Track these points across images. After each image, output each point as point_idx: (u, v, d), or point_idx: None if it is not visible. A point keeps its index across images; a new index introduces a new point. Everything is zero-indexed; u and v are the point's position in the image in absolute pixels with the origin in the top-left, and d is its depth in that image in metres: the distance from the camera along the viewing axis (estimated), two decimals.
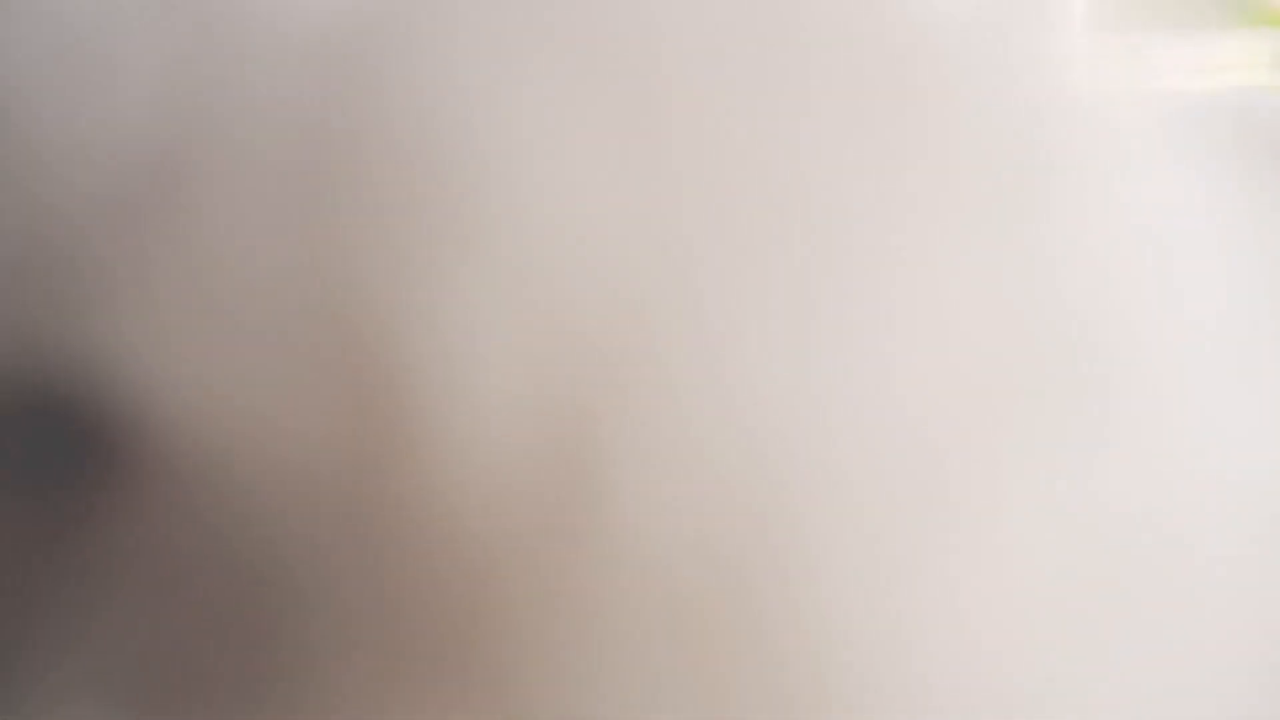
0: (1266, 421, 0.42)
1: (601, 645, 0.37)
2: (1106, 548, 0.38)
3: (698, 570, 0.37)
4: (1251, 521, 0.41)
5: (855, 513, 0.37)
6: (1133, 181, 0.42)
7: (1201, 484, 0.41)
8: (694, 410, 0.37)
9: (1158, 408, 0.41)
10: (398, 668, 0.40)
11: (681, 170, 0.38)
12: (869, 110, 0.40)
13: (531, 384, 0.37)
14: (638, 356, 0.37)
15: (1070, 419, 0.39)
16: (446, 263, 0.38)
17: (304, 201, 0.39)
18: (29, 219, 0.40)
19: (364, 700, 0.41)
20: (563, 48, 0.39)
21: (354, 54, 0.40)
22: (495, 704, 0.40)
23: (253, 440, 0.40)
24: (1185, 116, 0.46)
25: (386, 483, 0.39)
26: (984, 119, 0.41)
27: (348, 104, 0.40)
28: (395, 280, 0.39)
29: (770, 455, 0.37)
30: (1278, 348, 0.43)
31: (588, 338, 0.37)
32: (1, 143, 0.40)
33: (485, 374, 0.38)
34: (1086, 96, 0.43)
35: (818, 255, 0.38)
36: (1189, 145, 0.45)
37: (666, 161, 0.38)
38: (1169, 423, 0.41)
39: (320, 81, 0.40)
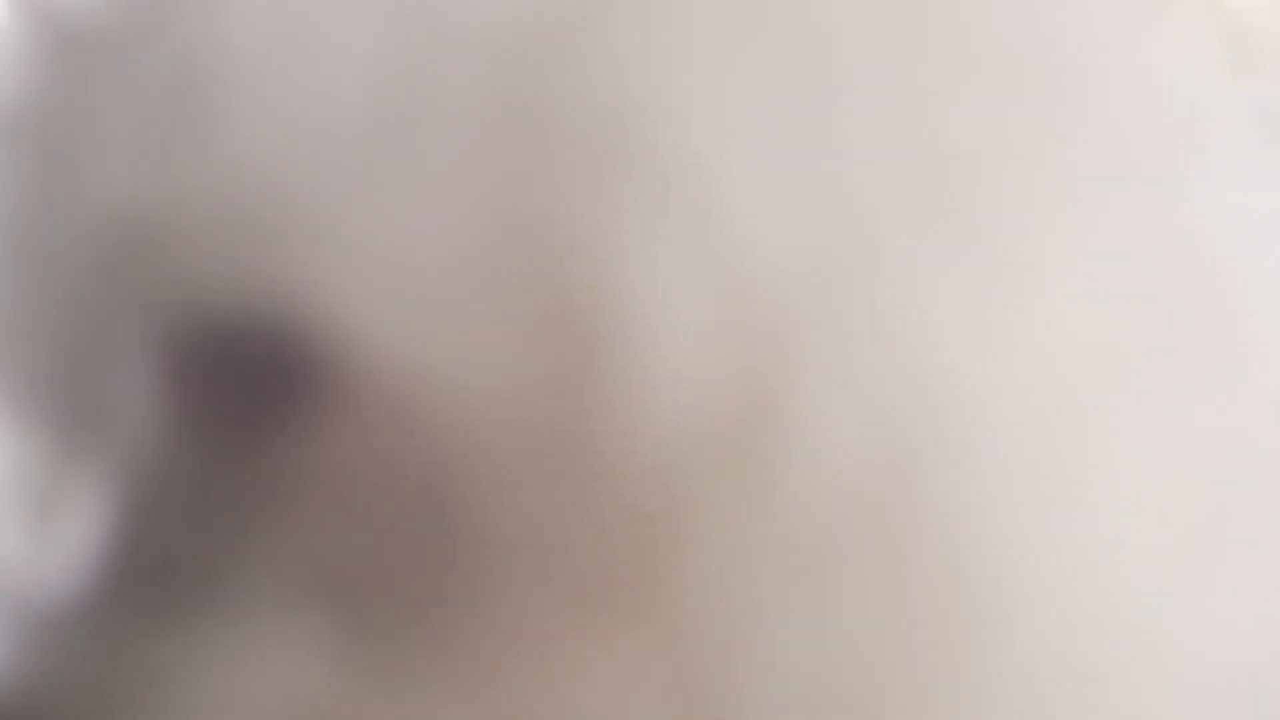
0: None
1: (773, 574, 0.41)
2: (1242, 473, 0.42)
3: (866, 502, 0.40)
4: None
5: (1008, 447, 0.40)
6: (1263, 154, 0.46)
7: None
8: (865, 352, 0.40)
9: None
10: (575, 598, 0.44)
11: (857, 145, 0.42)
12: (1026, 92, 0.44)
13: (717, 322, 0.41)
14: (815, 306, 0.41)
15: (1206, 362, 0.43)
16: (638, 212, 0.42)
17: (502, 165, 0.43)
18: (255, 176, 0.44)
19: (539, 627, 0.44)
20: (748, 31, 0.43)
21: (550, 32, 0.44)
22: (667, 635, 0.44)
23: (446, 376, 0.43)
24: None
25: (576, 418, 0.43)
26: (1128, 97, 0.45)
27: (545, 78, 0.44)
28: (589, 229, 0.42)
29: (931, 391, 0.40)
30: None
31: (770, 287, 0.41)
32: (234, 112, 0.44)
33: (673, 317, 0.42)
34: (1222, 76, 0.47)
35: (978, 218, 0.42)
36: None
37: (841, 135, 0.42)
38: None
39: (519, 56, 0.44)
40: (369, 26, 0.44)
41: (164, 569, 0.46)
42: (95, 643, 0.45)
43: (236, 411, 0.46)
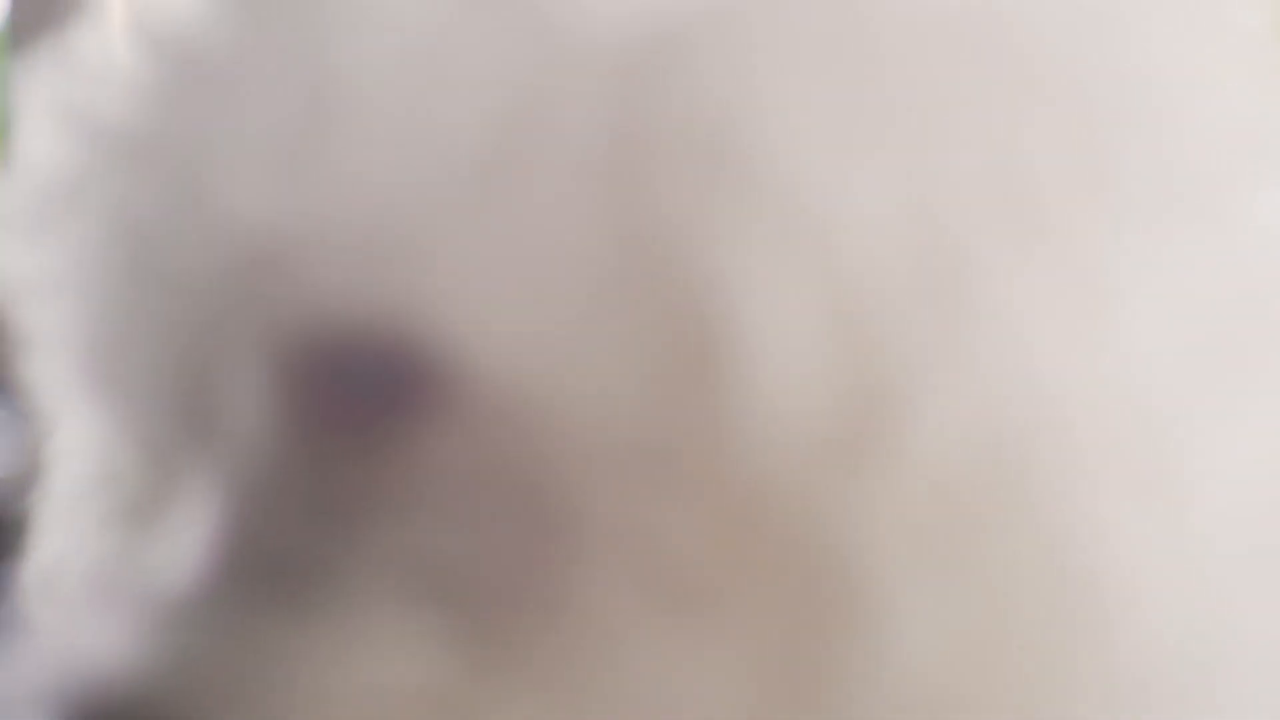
0: None
1: (894, 567, 0.43)
2: None
3: (975, 497, 0.43)
4: None
5: (1100, 444, 0.43)
6: None
7: None
8: (969, 360, 0.43)
9: None
10: (668, 598, 0.46)
11: (946, 168, 0.44)
12: (1098, 116, 0.46)
13: (823, 332, 0.44)
14: (919, 315, 0.43)
15: (1275, 365, 0.45)
16: (743, 228, 0.44)
17: (613, 183, 0.46)
18: (377, 199, 0.46)
19: (633, 626, 0.47)
20: (846, 61, 0.45)
21: (659, 56, 0.46)
22: (761, 631, 0.46)
23: (553, 385, 0.46)
24: None
25: (680, 424, 0.45)
26: (1195, 117, 0.47)
27: (654, 100, 0.46)
28: (696, 244, 0.45)
29: (1030, 394, 0.43)
30: None
31: (874, 300, 0.43)
32: (357, 137, 0.46)
33: (781, 327, 0.44)
34: None
35: (1063, 236, 0.44)
36: None
37: (931, 158, 0.45)
38: None
39: (631, 79, 0.46)
40: (488, 53, 0.46)
41: (276, 564, 0.48)
42: (211, 633, 0.47)
43: (348, 416, 0.48)
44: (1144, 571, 0.43)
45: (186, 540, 0.49)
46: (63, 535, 0.59)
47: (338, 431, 0.48)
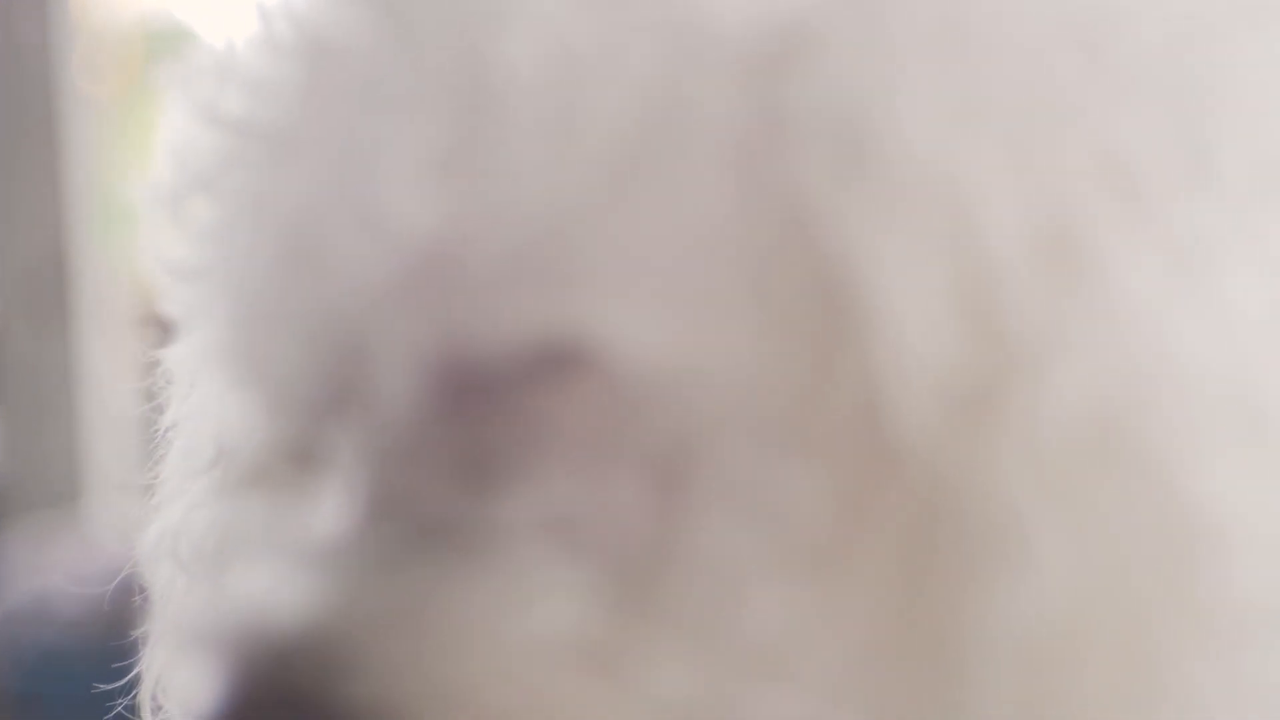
0: None
1: (1027, 512, 0.47)
2: None
3: (1101, 447, 0.47)
4: None
5: (1208, 397, 0.47)
6: None
7: None
8: (1095, 318, 0.47)
9: None
10: (804, 557, 0.50)
11: (1057, 155, 0.49)
12: (1189, 106, 0.50)
13: (950, 305, 0.47)
14: (1039, 284, 0.48)
15: None
16: (875, 210, 0.48)
17: (753, 168, 0.49)
18: (530, 202, 0.50)
19: (759, 584, 0.50)
20: (963, 52, 0.49)
21: (793, 45, 0.50)
22: (876, 583, 0.50)
23: (701, 357, 0.50)
24: None
25: (818, 391, 0.49)
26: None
27: (789, 88, 0.50)
28: (831, 225, 0.49)
29: (1151, 350, 0.47)
30: None
31: (1000, 266, 0.47)
32: (510, 141, 0.50)
33: (911, 302, 0.48)
34: None
35: (1167, 218, 0.49)
36: None
37: (1043, 146, 0.49)
38: None
39: (769, 69, 0.50)
40: (632, 50, 0.50)
41: (424, 519, 0.51)
42: (364, 579, 0.51)
43: (494, 386, 0.52)
44: (1245, 514, 0.47)
45: (335, 497, 0.53)
46: (184, 502, 0.63)
47: (483, 400, 0.52)
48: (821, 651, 0.50)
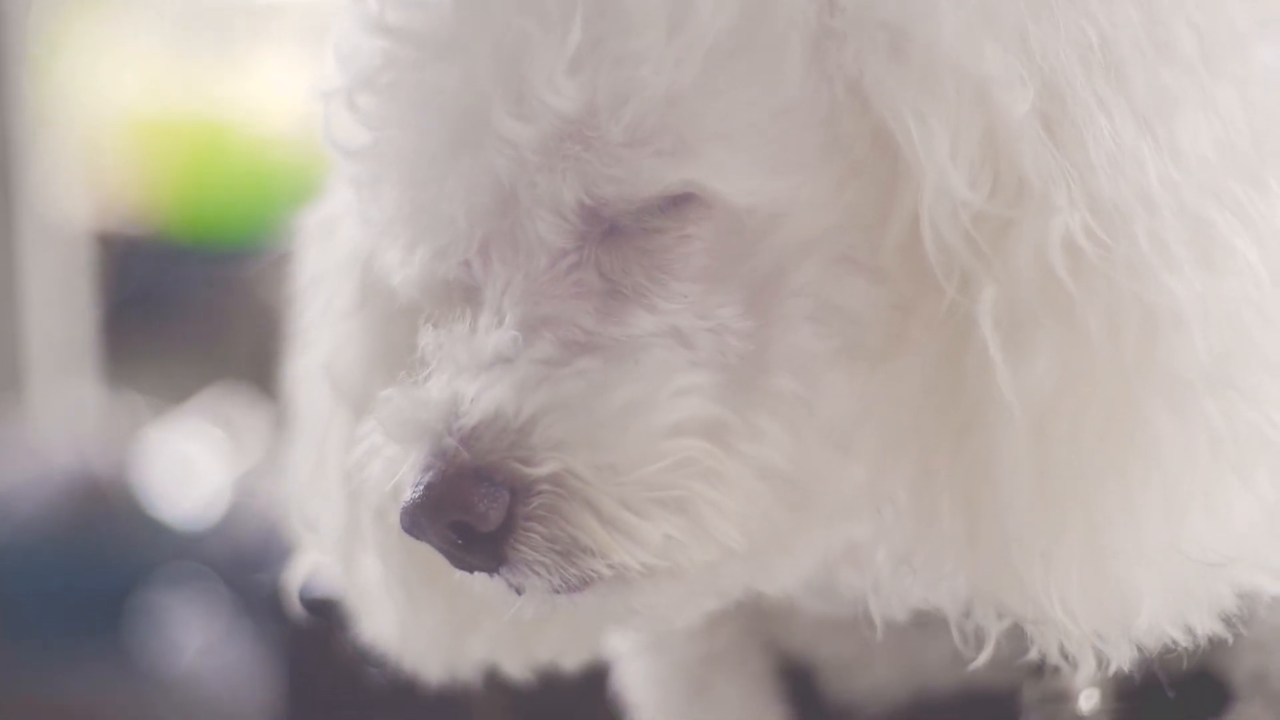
0: None
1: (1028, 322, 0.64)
2: None
3: (1091, 257, 0.63)
4: None
5: (1175, 218, 0.64)
6: None
7: None
8: (1088, 160, 0.63)
9: None
10: (863, 352, 0.67)
11: (1059, 34, 0.64)
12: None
13: (980, 147, 0.64)
14: (1044, 130, 0.64)
15: None
16: (919, 81, 0.64)
17: (819, 55, 0.66)
18: (651, 85, 0.66)
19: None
20: None
21: None
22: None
23: (786, 199, 0.67)
24: None
25: (872, 221, 0.66)
26: None
27: None
28: (886, 92, 0.64)
29: (1127, 180, 0.63)
30: None
31: (1013, 122, 0.64)
32: (625, 34, 0.65)
33: (950, 145, 0.64)
34: None
35: (1144, 77, 0.65)
36: None
37: (1050, 28, 0.64)
38: None
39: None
40: None
41: (574, 327, 0.67)
42: (530, 379, 0.66)
43: (625, 226, 0.68)
44: (1198, 301, 0.63)
45: (492, 321, 0.68)
46: (331, 338, 0.79)
47: (613, 239, 0.68)
48: (880, 426, 0.67)
